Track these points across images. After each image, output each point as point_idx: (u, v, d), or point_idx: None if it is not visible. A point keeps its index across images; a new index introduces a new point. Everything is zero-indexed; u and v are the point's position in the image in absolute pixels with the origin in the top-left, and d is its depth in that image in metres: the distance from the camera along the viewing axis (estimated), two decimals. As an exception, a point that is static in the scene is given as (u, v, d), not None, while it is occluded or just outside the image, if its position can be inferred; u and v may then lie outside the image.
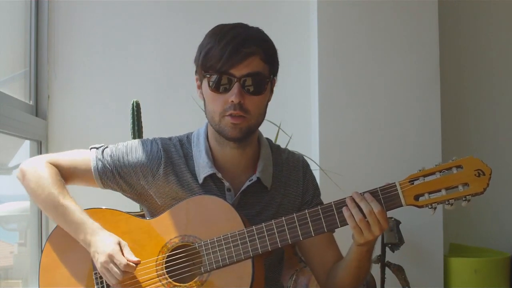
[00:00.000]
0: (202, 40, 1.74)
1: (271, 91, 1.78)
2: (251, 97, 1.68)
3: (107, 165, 1.79)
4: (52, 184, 1.75)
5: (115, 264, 1.64)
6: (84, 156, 1.83)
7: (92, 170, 1.79)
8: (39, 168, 1.78)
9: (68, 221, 1.73)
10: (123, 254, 1.66)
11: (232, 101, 1.65)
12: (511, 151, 3.64)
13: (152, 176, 1.78)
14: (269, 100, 1.78)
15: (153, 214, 1.81)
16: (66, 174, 1.81)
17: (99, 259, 1.66)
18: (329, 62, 3.20)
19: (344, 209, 1.59)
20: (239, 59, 1.64)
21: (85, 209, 1.78)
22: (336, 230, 1.69)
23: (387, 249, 2.99)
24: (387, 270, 3.00)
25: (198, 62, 1.73)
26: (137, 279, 1.69)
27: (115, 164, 1.79)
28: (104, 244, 1.67)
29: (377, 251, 3.00)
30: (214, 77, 1.67)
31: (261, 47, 1.68)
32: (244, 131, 1.71)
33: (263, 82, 1.70)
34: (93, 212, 1.78)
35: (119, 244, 1.68)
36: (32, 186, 1.77)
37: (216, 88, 1.68)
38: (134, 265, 1.65)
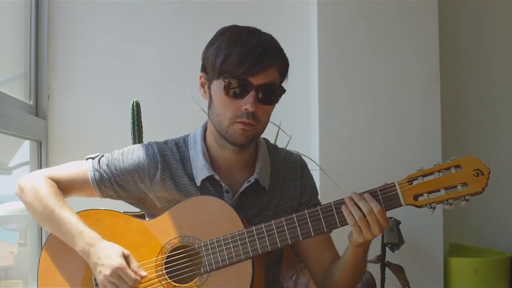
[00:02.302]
0: (215, 39, 1.71)
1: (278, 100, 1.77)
2: (263, 106, 1.68)
3: (104, 174, 1.79)
4: (49, 196, 1.74)
5: (123, 280, 1.63)
6: (80, 168, 1.82)
7: (90, 181, 1.79)
8: (36, 182, 1.78)
9: (66, 232, 1.71)
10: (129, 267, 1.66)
11: (246, 109, 1.65)
12: (511, 150, 3.64)
13: (150, 181, 1.78)
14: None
15: (154, 216, 1.80)
16: (64, 187, 1.80)
17: (103, 271, 1.64)
18: (329, 62, 3.20)
19: (343, 207, 1.60)
20: (259, 69, 1.64)
21: (83, 210, 1.78)
22: (333, 230, 1.69)
23: (387, 249, 2.99)
24: (387, 270, 3.00)
25: (211, 63, 1.68)
26: (137, 280, 1.69)
27: (112, 172, 1.79)
28: (107, 256, 1.65)
29: (377, 251, 3.00)
30: (230, 82, 1.65)
31: (281, 59, 1.70)
32: (250, 139, 1.71)
33: (276, 93, 1.70)
34: (92, 213, 1.78)
35: (123, 255, 1.67)
36: (29, 200, 1.77)
37: (231, 93, 1.66)
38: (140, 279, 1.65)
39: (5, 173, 3.06)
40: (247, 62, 1.62)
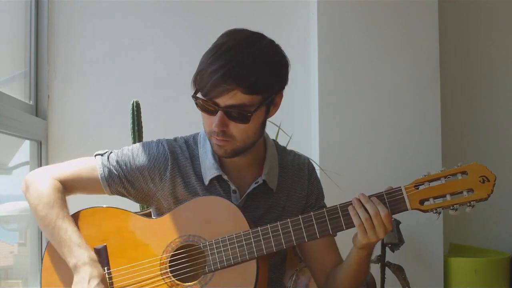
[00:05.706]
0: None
1: (273, 109, 1.72)
2: (236, 124, 1.64)
3: (114, 171, 1.77)
4: (52, 202, 1.70)
5: None
6: (89, 165, 1.79)
7: (99, 178, 1.77)
8: (42, 183, 1.74)
9: (61, 243, 1.67)
10: None
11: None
12: (511, 151, 3.64)
13: (160, 178, 1.77)
14: (269, 117, 1.74)
15: (160, 214, 1.80)
16: (72, 186, 1.78)
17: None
18: (329, 62, 3.20)
19: (349, 208, 1.60)
20: (220, 92, 1.59)
21: (89, 208, 1.77)
22: (337, 234, 1.69)
23: (387, 249, 2.99)
24: (387, 270, 3.00)
25: (194, 75, 1.67)
26: (141, 277, 1.68)
27: (122, 169, 1.77)
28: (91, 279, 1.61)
29: (377, 251, 3.00)
30: (199, 101, 1.64)
31: (242, 83, 1.58)
32: (230, 153, 1.69)
33: (246, 114, 1.62)
34: (97, 211, 1.78)
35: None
36: (33, 201, 1.73)
37: (202, 110, 1.66)
38: None
39: (5, 173, 3.06)
40: (209, 85, 1.59)
